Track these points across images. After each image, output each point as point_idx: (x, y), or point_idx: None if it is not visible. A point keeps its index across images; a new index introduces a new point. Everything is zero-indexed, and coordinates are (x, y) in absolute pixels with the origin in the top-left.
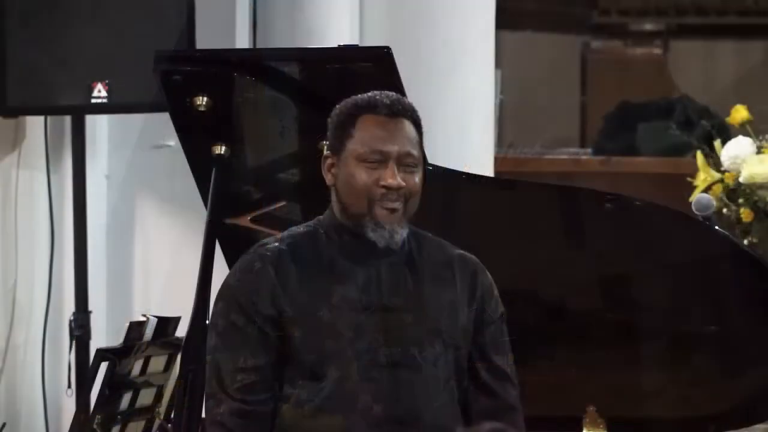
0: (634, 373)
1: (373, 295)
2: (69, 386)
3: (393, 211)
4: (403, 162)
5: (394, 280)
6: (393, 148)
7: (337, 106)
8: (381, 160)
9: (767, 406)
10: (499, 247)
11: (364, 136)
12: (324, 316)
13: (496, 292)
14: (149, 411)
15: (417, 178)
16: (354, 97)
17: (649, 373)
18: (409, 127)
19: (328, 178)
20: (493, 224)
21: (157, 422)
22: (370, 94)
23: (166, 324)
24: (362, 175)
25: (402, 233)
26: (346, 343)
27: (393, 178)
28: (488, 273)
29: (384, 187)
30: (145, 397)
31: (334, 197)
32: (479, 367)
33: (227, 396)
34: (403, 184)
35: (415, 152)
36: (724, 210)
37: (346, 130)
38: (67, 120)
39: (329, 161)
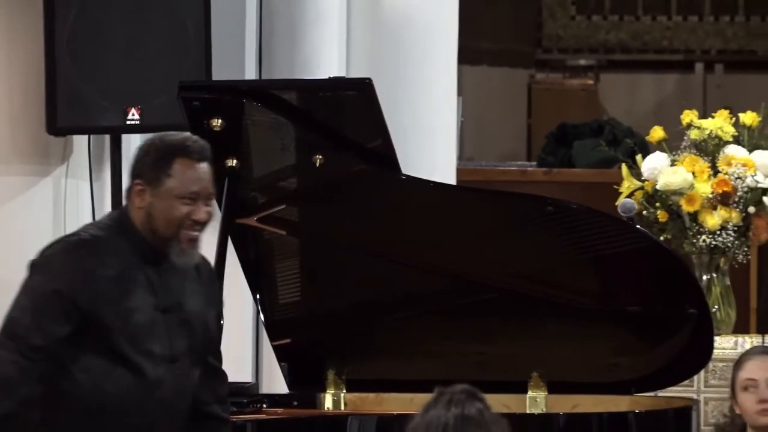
0: (571, 346)
1: (163, 297)
2: None
3: (196, 239)
4: (207, 199)
5: (177, 284)
6: (203, 189)
7: (150, 142)
8: (194, 198)
9: (678, 372)
10: (462, 244)
11: (182, 178)
12: (126, 312)
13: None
14: None
15: (212, 210)
16: (168, 137)
17: (584, 345)
18: (209, 168)
19: (137, 202)
20: (456, 224)
21: None
22: (181, 137)
23: None
24: (180, 210)
25: (198, 256)
26: (141, 338)
27: (204, 214)
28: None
29: (194, 221)
30: None
31: (142, 216)
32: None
33: (14, 347)
34: (210, 217)
35: (213, 189)
36: (644, 212)
37: (162, 168)
38: (107, 138)
39: (139, 188)
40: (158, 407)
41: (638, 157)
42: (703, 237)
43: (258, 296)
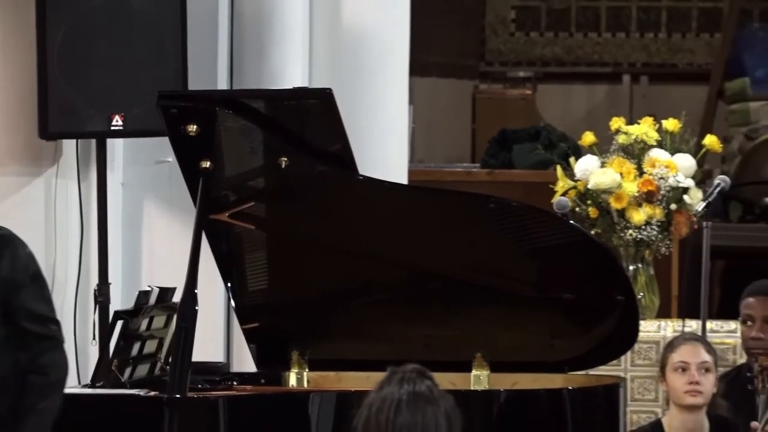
0: (512, 329)
1: None
2: (94, 339)
3: None
4: None
5: None
6: None
7: None
8: None
9: (607, 353)
10: (414, 238)
11: None
12: None
13: (26, 260)
14: (153, 356)
15: None
16: None
17: (523, 328)
18: None
19: None
20: (408, 219)
21: (158, 365)
22: None
23: (166, 292)
24: None
25: None
26: None
27: None
28: (23, 246)
29: None
30: (150, 346)
31: None
32: (23, 321)
33: None
34: None
35: None
36: (577, 209)
37: None
38: (93, 142)
39: None
40: None
41: (572, 159)
42: (630, 231)
43: (229, 284)
